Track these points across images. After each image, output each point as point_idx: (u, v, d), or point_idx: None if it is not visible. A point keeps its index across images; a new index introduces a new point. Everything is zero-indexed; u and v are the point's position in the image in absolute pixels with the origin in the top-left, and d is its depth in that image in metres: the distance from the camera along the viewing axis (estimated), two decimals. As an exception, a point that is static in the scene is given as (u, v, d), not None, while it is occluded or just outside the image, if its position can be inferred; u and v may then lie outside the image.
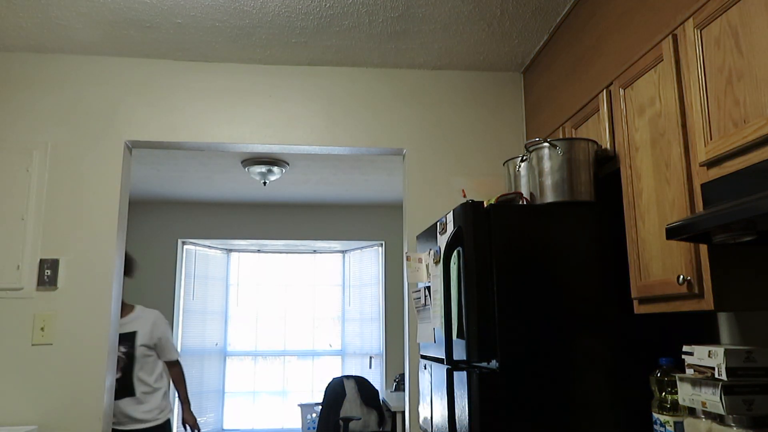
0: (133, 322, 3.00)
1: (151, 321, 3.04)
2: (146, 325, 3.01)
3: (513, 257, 1.87)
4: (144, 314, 3.05)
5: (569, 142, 2.01)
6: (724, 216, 1.24)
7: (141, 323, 3.01)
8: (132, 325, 3.00)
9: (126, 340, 2.95)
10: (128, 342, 2.95)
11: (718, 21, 1.46)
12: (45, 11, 2.44)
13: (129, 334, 2.97)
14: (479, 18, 2.52)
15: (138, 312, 3.04)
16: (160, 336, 3.06)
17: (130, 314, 3.01)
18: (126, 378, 2.93)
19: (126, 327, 2.97)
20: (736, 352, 1.45)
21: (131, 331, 2.98)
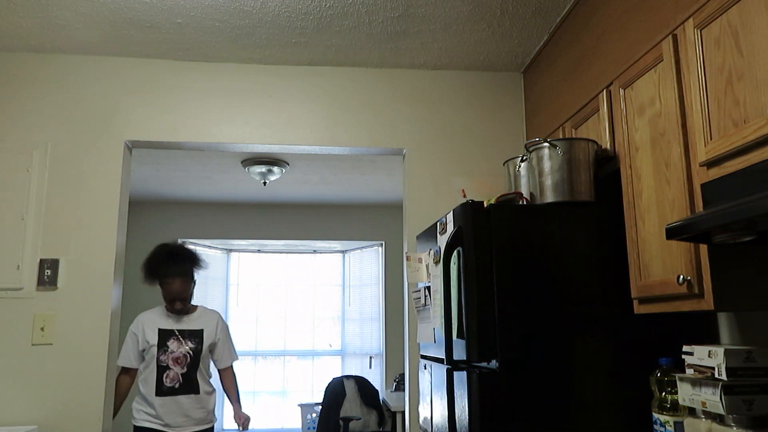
0: (198, 320, 2.88)
1: (214, 321, 2.92)
2: (211, 324, 2.90)
3: (513, 257, 1.87)
4: (207, 314, 2.94)
5: (569, 142, 2.01)
6: (724, 216, 1.24)
7: (206, 322, 2.89)
8: (198, 323, 2.87)
9: (194, 336, 2.83)
10: (196, 339, 2.83)
11: (718, 21, 1.46)
12: (45, 11, 2.44)
13: (197, 332, 2.84)
14: (479, 18, 2.52)
15: (201, 311, 2.93)
16: (221, 337, 2.94)
17: (193, 312, 2.90)
18: (190, 375, 2.80)
19: (193, 323, 2.85)
20: (736, 352, 1.45)
21: (198, 328, 2.85)
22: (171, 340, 2.77)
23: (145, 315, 2.85)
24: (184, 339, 2.79)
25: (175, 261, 2.82)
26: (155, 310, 2.87)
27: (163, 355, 2.74)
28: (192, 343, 2.80)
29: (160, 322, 2.80)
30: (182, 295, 2.80)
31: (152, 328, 2.78)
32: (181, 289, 2.78)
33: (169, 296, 2.80)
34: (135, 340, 2.81)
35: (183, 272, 2.80)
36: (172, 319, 2.83)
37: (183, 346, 2.77)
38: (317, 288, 6.51)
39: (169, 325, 2.81)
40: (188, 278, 2.82)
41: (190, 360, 2.78)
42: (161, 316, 2.84)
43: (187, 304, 2.84)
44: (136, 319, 2.85)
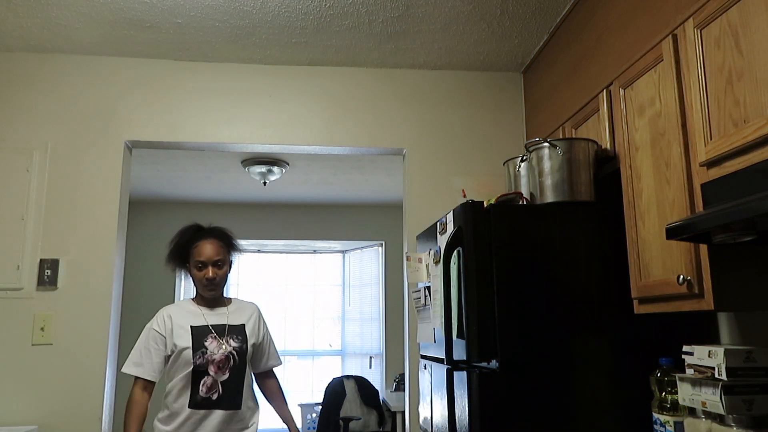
0: (237, 313, 2.26)
1: (255, 315, 2.31)
2: (252, 318, 2.28)
3: (513, 257, 1.87)
4: (245, 306, 2.32)
5: (569, 142, 2.01)
6: (724, 216, 1.24)
7: (246, 315, 2.28)
8: (238, 316, 2.25)
9: (235, 333, 2.19)
10: (239, 336, 2.19)
11: (718, 21, 1.46)
12: (45, 11, 2.44)
13: (238, 327, 2.21)
14: (479, 18, 2.52)
15: (237, 303, 2.31)
16: (264, 334, 2.33)
17: (229, 305, 2.28)
18: (233, 383, 2.14)
19: (232, 317, 2.23)
20: (736, 352, 1.45)
21: (239, 323, 2.23)
22: (208, 340, 2.13)
23: (171, 310, 2.21)
24: (223, 337, 2.16)
25: (208, 228, 2.28)
26: (181, 304, 2.23)
27: (201, 359, 2.09)
28: (235, 342, 2.17)
29: (191, 318, 2.17)
30: (217, 269, 2.18)
31: (183, 327, 2.15)
32: (216, 253, 2.17)
33: (202, 268, 2.17)
34: (160, 343, 2.13)
35: (219, 235, 2.24)
36: (204, 313, 2.21)
37: (224, 346, 2.14)
38: (317, 288, 6.51)
39: (203, 320, 2.18)
40: (224, 248, 2.22)
41: (233, 363, 2.14)
42: (190, 311, 2.20)
43: (220, 288, 2.22)
44: (158, 315, 2.20)
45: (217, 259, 2.16)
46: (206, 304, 2.23)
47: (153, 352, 2.12)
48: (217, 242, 2.19)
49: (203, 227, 2.26)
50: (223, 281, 2.21)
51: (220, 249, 2.19)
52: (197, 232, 2.24)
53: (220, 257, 2.17)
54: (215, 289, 2.18)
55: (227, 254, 2.23)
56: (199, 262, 2.16)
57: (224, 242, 2.23)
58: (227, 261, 2.22)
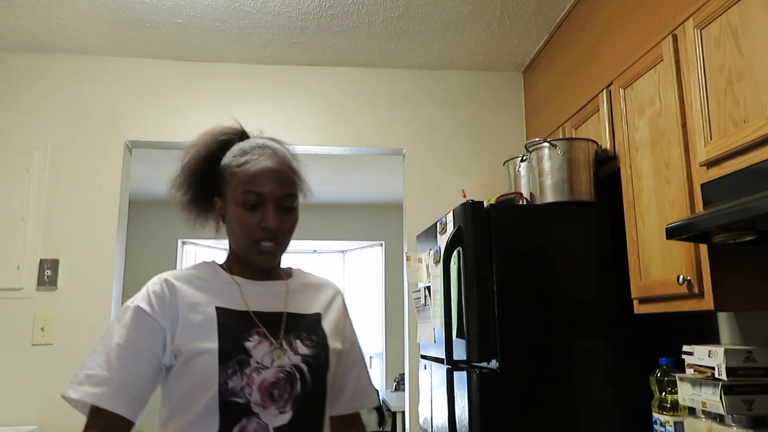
0: (303, 294, 1.21)
1: (338, 302, 1.26)
2: (331, 306, 1.24)
3: (513, 257, 1.87)
4: (316, 283, 1.27)
5: (569, 142, 2.01)
6: (724, 216, 1.24)
7: (320, 298, 1.23)
8: (305, 300, 1.20)
9: (305, 328, 1.14)
10: (312, 335, 1.14)
11: (718, 21, 1.46)
12: (45, 11, 2.44)
13: (309, 319, 1.17)
14: (479, 18, 2.52)
15: (304, 277, 1.26)
16: (354, 342, 1.27)
17: (290, 279, 1.23)
18: (304, 427, 1.07)
19: (295, 300, 1.18)
20: (736, 352, 1.45)
21: (311, 311, 1.19)
22: (252, 339, 1.07)
23: (176, 276, 1.12)
24: (280, 335, 1.11)
25: (265, 139, 1.24)
26: (198, 268, 1.17)
27: (237, 377, 1.03)
28: (305, 347, 1.12)
29: (216, 294, 1.11)
30: (285, 214, 1.12)
31: (200, 308, 1.07)
32: (285, 185, 1.12)
33: (255, 209, 1.10)
34: (152, 338, 1.05)
35: (281, 157, 1.16)
36: (244, 287, 1.15)
37: (284, 355, 1.08)
38: (317, 288, 6.51)
39: (239, 300, 1.12)
40: (297, 178, 1.17)
41: (302, 390, 1.08)
42: (214, 281, 1.14)
43: (282, 252, 1.15)
44: (148, 284, 1.11)
45: (288, 193, 1.11)
46: (248, 273, 1.16)
47: (132, 355, 1.01)
48: (285, 165, 1.14)
49: (250, 136, 1.27)
50: (288, 240, 1.15)
51: (290, 178, 1.14)
52: (243, 139, 1.23)
53: (290, 191, 1.12)
54: (276, 251, 1.12)
55: (299, 190, 1.18)
56: (251, 194, 1.09)
57: (292, 173, 1.16)
58: (298, 200, 1.17)
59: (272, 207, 1.09)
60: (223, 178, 1.15)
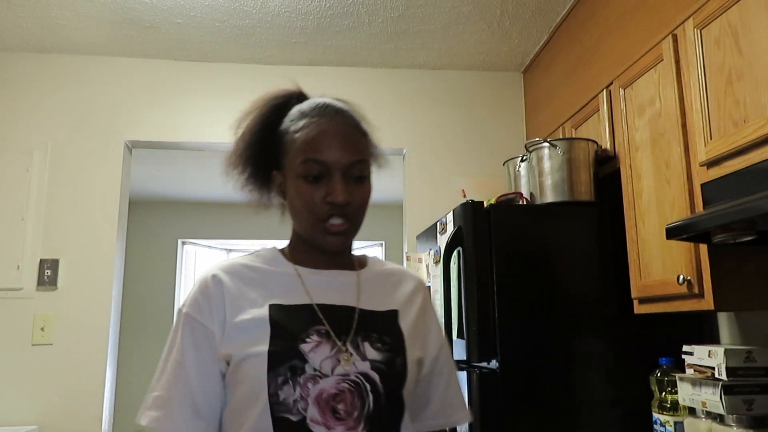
0: (378, 287, 1.00)
1: (420, 297, 1.03)
2: (412, 302, 1.01)
3: (513, 257, 1.87)
4: (395, 274, 1.05)
5: (569, 142, 2.01)
6: (724, 216, 1.24)
7: (398, 293, 1.01)
8: (380, 294, 0.99)
9: (378, 329, 0.92)
10: (387, 337, 0.92)
11: (718, 21, 1.46)
12: (45, 11, 2.44)
13: (384, 317, 0.95)
14: (479, 18, 2.52)
15: (380, 265, 1.06)
16: (442, 347, 1.03)
17: (363, 269, 1.02)
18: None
19: (369, 294, 0.97)
20: (736, 352, 1.45)
21: (387, 308, 0.97)
22: (311, 340, 0.87)
23: (228, 269, 0.95)
24: (347, 336, 0.90)
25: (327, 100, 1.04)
26: (256, 256, 1.01)
27: (289, 387, 0.83)
28: (376, 351, 0.90)
29: (273, 286, 0.94)
30: (355, 185, 0.92)
31: (252, 305, 0.90)
32: (353, 151, 0.93)
33: (319, 180, 0.90)
34: (206, 347, 0.89)
35: (348, 117, 0.98)
36: (306, 278, 0.96)
37: (350, 362, 0.87)
38: (317, 288, 6.50)
39: (301, 292, 0.93)
40: (366, 143, 0.99)
41: (373, 406, 0.86)
42: (272, 272, 0.97)
43: (354, 233, 0.95)
44: (197, 281, 0.94)
45: (357, 160, 0.93)
46: (313, 261, 0.97)
47: (189, 369, 0.89)
48: (352, 127, 0.96)
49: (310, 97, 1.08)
50: (361, 217, 0.95)
51: (359, 141, 0.96)
52: (301, 100, 1.04)
53: (360, 157, 0.94)
54: (347, 231, 0.93)
55: (371, 156, 0.99)
56: (313, 163, 0.90)
57: (365, 130, 1.00)
58: (370, 167, 0.98)
59: (339, 177, 0.90)
60: (281, 148, 0.96)
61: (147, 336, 5.39)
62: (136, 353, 5.29)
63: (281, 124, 0.98)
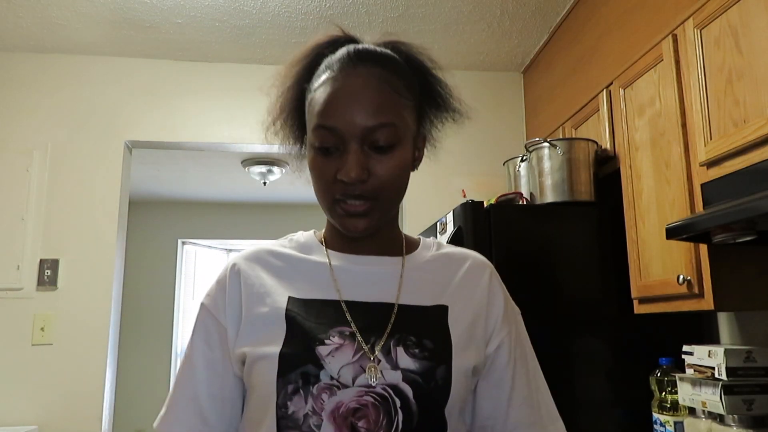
0: (428, 274, 0.83)
1: (481, 286, 0.84)
2: (470, 292, 0.83)
3: (513, 257, 1.87)
4: (456, 258, 0.86)
5: (569, 142, 2.01)
6: (724, 216, 1.24)
7: (450, 284, 0.82)
8: (429, 285, 0.81)
9: (418, 330, 0.75)
10: (424, 336, 0.75)
11: (718, 21, 1.46)
12: (45, 11, 2.44)
13: (428, 313, 0.78)
14: (479, 18, 2.52)
15: (434, 248, 0.88)
16: (514, 347, 0.86)
17: (411, 254, 0.85)
18: None
19: (414, 284, 0.80)
20: (736, 352, 1.45)
21: (433, 303, 0.79)
22: (331, 339, 0.73)
23: (246, 258, 0.84)
24: (378, 338, 0.74)
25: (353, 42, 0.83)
26: (288, 239, 0.91)
27: (300, 398, 0.70)
28: (413, 356, 0.73)
29: (303, 276, 0.81)
30: (375, 152, 0.74)
31: (269, 299, 0.78)
32: (376, 109, 0.73)
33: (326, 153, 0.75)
34: (218, 345, 0.79)
35: (380, 66, 0.77)
36: (340, 266, 0.82)
37: (378, 369, 0.71)
38: (317, 288, 6.50)
39: (329, 284, 0.79)
40: (390, 100, 0.75)
41: (407, 423, 0.70)
42: (305, 258, 0.84)
43: (379, 217, 0.77)
44: (219, 274, 0.84)
45: (378, 124, 0.74)
46: (348, 246, 0.84)
47: (196, 366, 0.80)
48: (379, 80, 0.76)
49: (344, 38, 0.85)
50: (389, 194, 0.77)
51: (385, 103, 0.76)
52: (332, 47, 0.84)
53: (382, 120, 0.74)
54: (369, 212, 0.76)
55: (403, 111, 0.78)
56: (323, 131, 0.75)
57: (405, 81, 0.81)
58: (406, 131, 0.79)
59: (355, 148, 0.72)
60: (307, 111, 0.80)
61: (147, 336, 5.39)
62: (136, 353, 5.29)
63: (308, 84, 0.81)
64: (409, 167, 0.79)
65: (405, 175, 0.78)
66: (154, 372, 5.34)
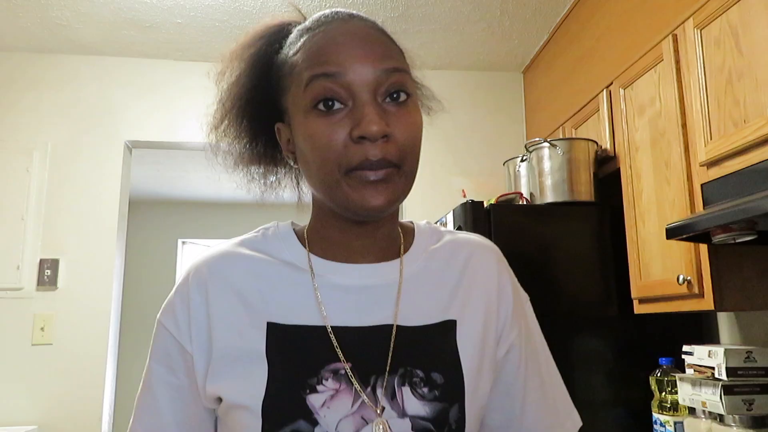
0: (426, 283, 0.68)
1: (490, 286, 0.74)
2: (480, 296, 0.71)
3: (513, 257, 1.86)
4: (456, 251, 0.74)
5: (569, 142, 2.01)
6: (724, 216, 1.24)
7: (455, 288, 0.69)
8: (427, 295, 0.67)
9: (417, 355, 0.63)
10: (432, 367, 0.63)
11: (718, 21, 1.46)
12: (45, 11, 2.44)
13: (432, 333, 0.65)
14: (479, 18, 2.52)
15: (432, 242, 0.73)
16: (529, 345, 0.78)
17: (409, 252, 0.70)
18: None
19: (410, 301, 0.66)
20: (736, 352, 1.45)
21: (437, 321, 0.65)
22: (324, 383, 0.60)
23: (213, 265, 0.69)
24: (384, 375, 0.61)
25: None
26: (261, 239, 0.77)
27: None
28: (422, 399, 0.61)
29: (281, 290, 0.66)
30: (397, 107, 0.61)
31: (245, 326, 0.64)
32: (387, 57, 0.61)
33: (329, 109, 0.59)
34: (170, 370, 0.66)
35: (366, 19, 0.65)
36: (322, 278, 0.66)
37: (383, 421, 0.59)
38: (317, 288, 6.49)
39: (312, 305, 0.64)
40: (392, 48, 0.64)
41: None
42: (284, 264, 0.68)
43: (410, 169, 0.64)
44: (181, 278, 0.69)
45: (391, 68, 0.61)
46: (333, 250, 0.69)
47: (155, 393, 0.67)
48: (374, 29, 0.64)
49: None
50: (414, 159, 0.65)
51: (390, 48, 0.64)
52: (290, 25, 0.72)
53: (395, 65, 0.62)
54: (396, 179, 0.62)
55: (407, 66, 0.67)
56: (326, 79, 0.59)
57: (392, 37, 0.67)
58: (414, 87, 0.71)
59: (369, 98, 0.58)
60: (281, 84, 0.66)
61: (147, 336, 5.35)
62: (136, 353, 5.29)
63: (279, 56, 0.67)
64: (422, 130, 0.65)
65: (421, 138, 0.64)
66: (154, 372, 5.33)
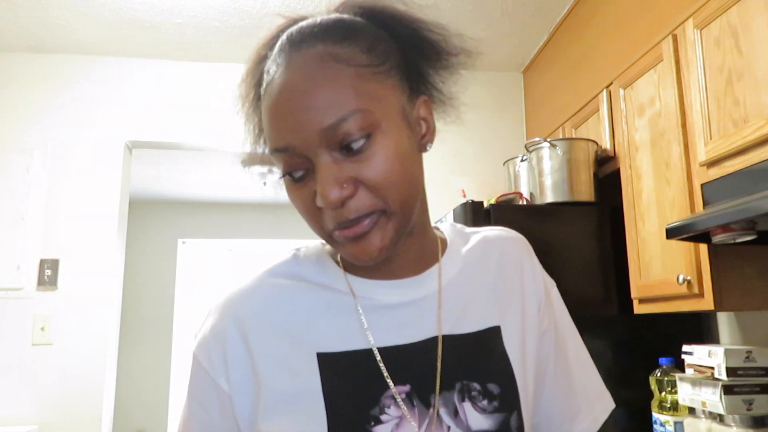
0: (464, 289, 0.64)
1: (526, 280, 0.69)
2: (515, 295, 0.67)
3: (513, 257, 1.86)
4: (485, 249, 0.69)
5: (569, 142, 2.01)
6: (724, 216, 1.24)
7: (493, 291, 0.66)
8: (468, 301, 0.64)
9: (470, 365, 0.60)
10: (488, 378, 0.60)
11: (718, 21, 1.46)
12: (45, 11, 2.44)
13: (480, 340, 0.62)
14: (479, 18, 2.52)
15: (462, 245, 0.68)
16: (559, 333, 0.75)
17: (444, 261, 0.65)
18: None
19: (452, 309, 0.62)
20: (736, 352, 1.45)
21: (482, 328, 0.62)
22: (387, 412, 0.56)
23: (247, 299, 0.64)
24: (437, 391, 0.58)
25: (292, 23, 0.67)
26: (296, 263, 0.68)
27: None
28: (483, 412, 0.58)
29: (324, 315, 0.62)
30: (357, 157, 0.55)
31: (293, 360, 0.60)
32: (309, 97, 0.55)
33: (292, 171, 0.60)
34: (207, 408, 0.63)
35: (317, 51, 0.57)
36: (364, 298, 0.62)
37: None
38: (317, 288, 6.49)
39: (356, 328, 0.60)
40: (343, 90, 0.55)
41: None
42: (324, 287, 0.64)
43: (393, 213, 0.57)
44: (211, 311, 0.66)
45: (334, 122, 0.55)
46: (373, 268, 0.63)
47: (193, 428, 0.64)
48: (320, 70, 0.56)
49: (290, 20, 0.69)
50: (395, 193, 0.56)
51: (335, 89, 0.55)
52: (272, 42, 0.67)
53: (338, 115, 0.55)
54: (371, 233, 0.57)
55: (368, 85, 0.57)
56: (279, 155, 0.60)
57: (354, 43, 0.59)
58: (385, 108, 0.58)
59: (323, 161, 0.55)
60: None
61: (147, 336, 5.39)
62: (136, 353, 5.29)
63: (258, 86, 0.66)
64: (410, 151, 0.59)
65: (408, 162, 0.58)
66: (154, 372, 5.34)
